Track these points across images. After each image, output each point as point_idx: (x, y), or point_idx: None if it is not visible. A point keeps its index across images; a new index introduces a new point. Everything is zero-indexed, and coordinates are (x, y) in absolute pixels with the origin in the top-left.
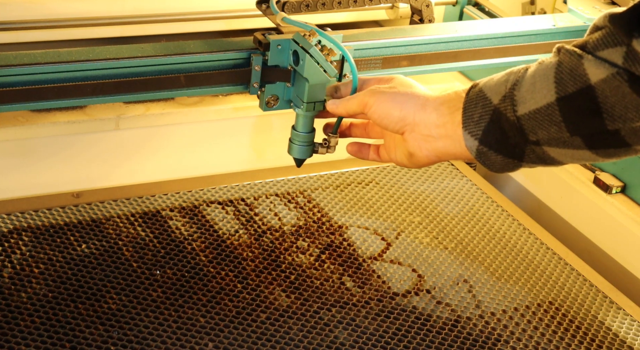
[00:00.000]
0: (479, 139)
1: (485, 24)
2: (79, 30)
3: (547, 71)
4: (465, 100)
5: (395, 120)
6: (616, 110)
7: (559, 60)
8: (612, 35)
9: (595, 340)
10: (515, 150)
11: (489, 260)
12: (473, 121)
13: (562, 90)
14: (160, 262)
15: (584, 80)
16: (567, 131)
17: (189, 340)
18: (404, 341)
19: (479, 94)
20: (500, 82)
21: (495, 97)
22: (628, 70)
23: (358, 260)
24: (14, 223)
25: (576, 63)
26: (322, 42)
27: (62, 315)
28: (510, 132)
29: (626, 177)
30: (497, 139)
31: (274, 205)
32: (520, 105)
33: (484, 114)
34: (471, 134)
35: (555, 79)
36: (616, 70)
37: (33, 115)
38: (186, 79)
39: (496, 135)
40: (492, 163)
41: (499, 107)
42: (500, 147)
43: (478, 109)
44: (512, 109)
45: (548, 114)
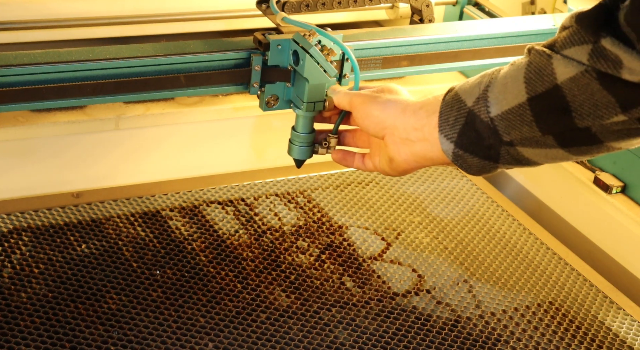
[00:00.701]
0: (455, 141)
1: (485, 24)
2: (79, 30)
3: (518, 72)
4: (441, 104)
5: (376, 122)
6: (585, 108)
7: (529, 60)
8: (578, 33)
9: (595, 340)
10: (490, 152)
11: (489, 260)
12: (449, 124)
13: (532, 90)
14: (160, 262)
15: (551, 80)
16: (539, 130)
17: (189, 340)
18: (404, 341)
19: (454, 97)
20: (474, 84)
21: (469, 99)
22: (595, 68)
23: (358, 260)
24: (14, 223)
25: (545, 63)
26: (322, 42)
27: (62, 315)
28: (485, 133)
29: (626, 177)
30: (472, 141)
31: (274, 205)
32: (493, 106)
33: (459, 117)
34: (447, 137)
35: (525, 79)
36: (584, 68)
37: (33, 115)
38: (186, 79)
39: (471, 137)
40: (468, 166)
41: (473, 109)
42: (475, 149)
43: (453, 112)
44: (485, 111)
45: (520, 113)
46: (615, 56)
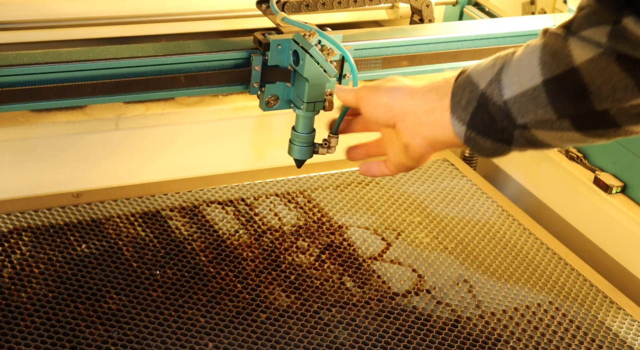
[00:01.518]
0: (467, 124)
1: (485, 24)
2: (79, 30)
3: (533, 53)
4: (453, 86)
5: (385, 110)
6: (604, 91)
7: (544, 42)
8: (597, 14)
9: (596, 340)
10: (503, 135)
11: (489, 260)
12: (460, 106)
13: (548, 72)
14: (160, 262)
15: (568, 62)
16: (555, 113)
17: (189, 340)
18: (404, 341)
19: (467, 79)
20: (488, 66)
21: (482, 81)
22: (614, 49)
23: (358, 260)
24: (14, 223)
25: (561, 44)
26: (322, 42)
27: (62, 315)
28: (498, 117)
29: (626, 177)
30: (485, 123)
31: (274, 205)
32: (506, 89)
33: (471, 99)
34: (459, 120)
35: (540, 61)
36: (602, 50)
37: (33, 115)
38: (186, 79)
39: (483, 120)
40: (481, 148)
41: (485, 92)
42: (488, 132)
43: (465, 94)
44: (498, 93)
45: (534, 96)
46: (637, 37)
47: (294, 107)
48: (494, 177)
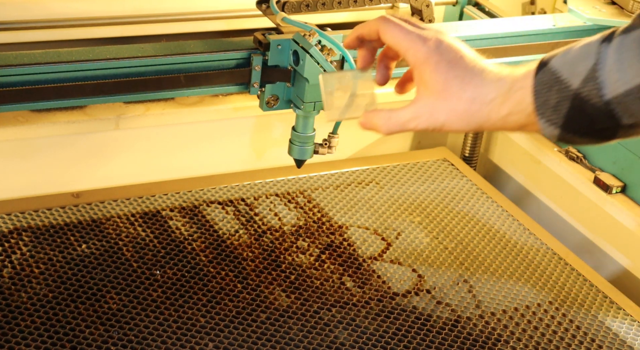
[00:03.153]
0: (560, 126)
1: (485, 24)
2: (79, 30)
3: (635, 44)
4: (534, 83)
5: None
6: None
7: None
8: None
9: (595, 340)
10: (605, 133)
11: (489, 260)
12: (549, 108)
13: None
14: (160, 262)
15: None
16: None
17: (189, 340)
18: (404, 341)
19: (552, 75)
20: (577, 59)
21: (574, 79)
22: None
23: (358, 260)
24: (14, 223)
25: None
26: (322, 42)
27: (62, 315)
28: (599, 118)
29: (626, 177)
30: (583, 125)
31: (274, 205)
32: (606, 88)
33: (562, 100)
34: (550, 122)
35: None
36: None
37: (33, 115)
38: (186, 79)
39: (581, 121)
40: (577, 142)
41: (580, 92)
42: (587, 131)
43: (553, 94)
44: (597, 94)
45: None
46: None
47: (294, 107)
48: (494, 177)
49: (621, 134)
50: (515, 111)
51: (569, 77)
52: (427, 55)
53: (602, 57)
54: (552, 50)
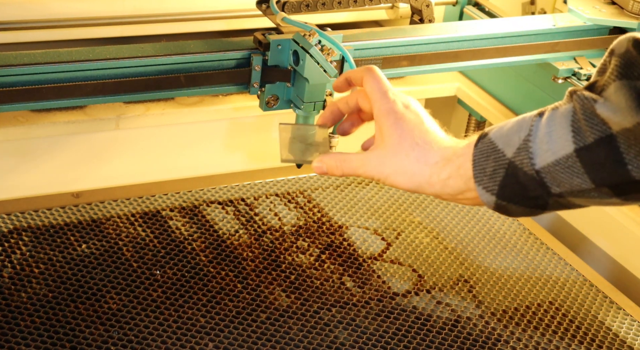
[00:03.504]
0: (496, 194)
1: (485, 24)
2: (79, 30)
3: (562, 119)
4: (474, 153)
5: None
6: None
7: (574, 107)
8: (634, 66)
9: (595, 340)
10: (537, 201)
11: (489, 260)
12: (486, 175)
13: (581, 140)
14: (160, 262)
15: (604, 129)
16: (592, 183)
17: (189, 340)
18: (404, 341)
19: (490, 145)
20: (512, 131)
21: (508, 149)
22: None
23: (358, 260)
24: (14, 223)
25: (592, 109)
26: (322, 42)
27: (62, 315)
28: (530, 186)
29: None
30: (516, 192)
31: (274, 205)
32: (537, 158)
33: (498, 168)
34: (486, 189)
35: (572, 128)
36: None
37: (33, 115)
38: (186, 79)
39: (514, 189)
40: (512, 213)
41: (514, 161)
42: (520, 200)
43: (490, 163)
44: (529, 163)
45: (568, 165)
46: None
47: (294, 107)
48: None
49: (552, 203)
50: (454, 175)
51: (504, 147)
52: (392, 111)
53: (534, 129)
54: (552, 50)
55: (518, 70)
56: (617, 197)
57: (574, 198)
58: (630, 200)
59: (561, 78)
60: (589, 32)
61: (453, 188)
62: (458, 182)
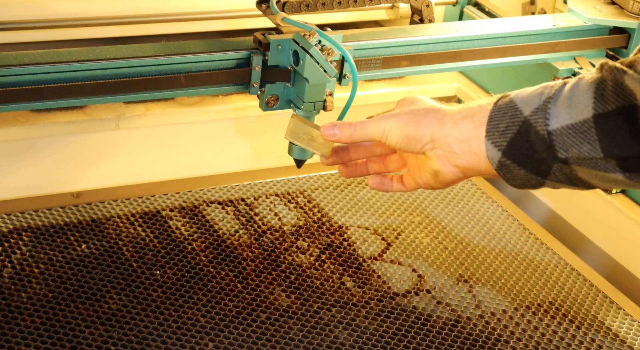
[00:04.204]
0: (503, 150)
1: (485, 24)
2: (79, 30)
3: (587, 86)
4: (492, 109)
5: (414, 142)
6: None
7: (602, 76)
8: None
9: (595, 340)
10: (541, 166)
11: (489, 260)
12: (498, 131)
13: (601, 106)
14: (160, 262)
15: (628, 99)
16: (601, 151)
17: (189, 340)
18: (404, 341)
19: (509, 103)
20: (534, 94)
21: (526, 108)
22: None
23: (358, 260)
24: (14, 223)
25: (621, 79)
26: (322, 42)
27: (62, 315)
28: (538, 147)
29: None
30: (523, 152)
31: (274, 205)
32: (553, 119)
33: (512, 125)
34: (494, 145)
35: (595, 95)
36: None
37: (33, 115)
38: (186, 79)
39: (522, 148)
40: (513, 177)
41: (529, 119)
42: (525, 161)
43: (505, 119)
44: (543, 123)
45: (583, 131)
46: None
47: (294, 107)
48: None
49: (555, 170)
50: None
51: (523, 107)
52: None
53: (557, 93)
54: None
55: (518, 70)
56: (622, 171)
57: (578, 167)
58: (633, 179)
59: (561, 78)
60: (589, 32)
61: (462, 130)
62: (469, 125)
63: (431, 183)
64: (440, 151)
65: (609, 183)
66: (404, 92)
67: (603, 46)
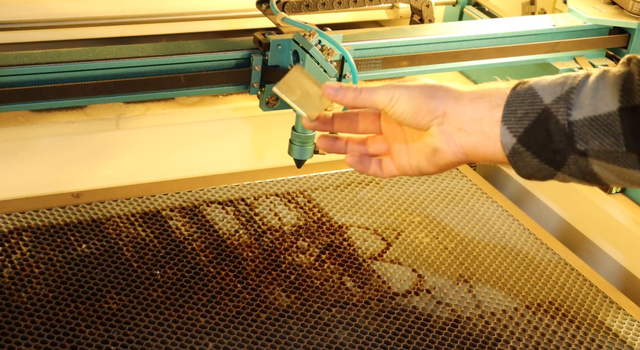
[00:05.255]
0: (518, 136)
1: (485, 24)
2: (79, 30)
3: (614, 79)
4: (510, 94)
5: (424, 113)
6: None
7: (630, 70)
8: None
9: (595, 340)
10: (555, 157)
11: (489, 260)
12: (515, 117)
13: (628, 100)
14: (160, 262)
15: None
16: (625, 145)
17: (189, 340)
18: (404, 341)
19: (529, 90)
20: (556, 83)
21: (547, 96)
22: None
23: (358, 260)
24: (14, 223)
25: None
26: (322, 42)
27: (62, 315)
28: (556, 136)
29: None
30: (539, 140)
31: (274, 205)
32: (575, 110)
33: (530, 112)
34: (510, 130)
35: (622, 88)
36: None
37: (33, 115)
38: (186, 79)
39: (538, 136)
40: (524, 165)
41: (550, 108)
42: (540, 150)
43: (524, 106)
44: (565, 112)
45: (607, 123)
46: None
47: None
48: (494, 177)
49: (570, 162)
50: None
51: (544, 95)
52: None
53: (580, 84)
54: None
55: (518, 70)
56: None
57: (597, 160)
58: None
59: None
60: (589, 32)
61: (477, 108)
62: (485, 105)
63: (422, 165)
64: (448, 127)
65: (623, 180)
66: None
67: (603, 46)
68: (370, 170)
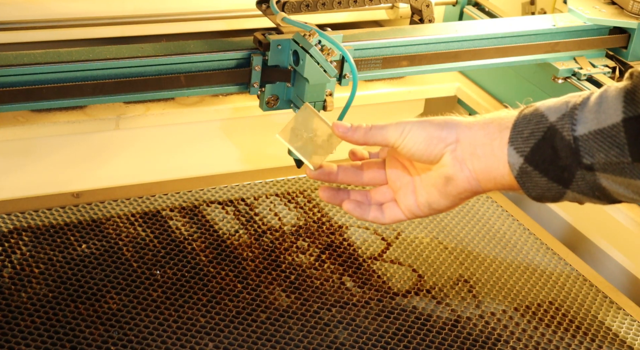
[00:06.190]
0: (525, 156)
1: (485, 24)
2: (79, 30)
3: (617, 92)
4: (517, 116)
5: (436, 142)
6: None
7: (633, 82)
8: None
9: (595, 340)
10: (563, 174)
11: (489, 260)
12: (522, 137)
13: (632, 110)
14: (160, 262)
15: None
16: (630, 155)
17: (189, 340)
18: (404, 341)
19: (534, 112)
20: (561, 102)
21: (552, 115)
22: None
23: (358, 260)
24: (14, 223)
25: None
26: (322, 42)
27: (62, 315)
28: (563, 153)
29: None
30: (545, 158)
31: (274, 205)
32: (580, 125)
33: (536, 131)
34: (517, 150)
35: (625, 99)
36: None
37: (33, 115)
38: (186, 79)
39: (545, 154)
40: (533, 185)
41: (555, 125)
42: (547, 168)
43: (530, 126)
44: (570, 128)
45: (611, 135)
46: None
47: (294, 107)
48: None
49: (578, 178)
50: (495, 122)
51: (549, 114)
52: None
53: (584, 101)
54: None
55: (518, 70)
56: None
57: (604, 174)
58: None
59: (561, 78)
60: (589, 32)
61: (488, 132)
62: (495, 128)
63: (432, 200)
64: (461, 153)
65: (632, 193)
66: (404, 92)
67: (603, 46)
68: (370, 216)
